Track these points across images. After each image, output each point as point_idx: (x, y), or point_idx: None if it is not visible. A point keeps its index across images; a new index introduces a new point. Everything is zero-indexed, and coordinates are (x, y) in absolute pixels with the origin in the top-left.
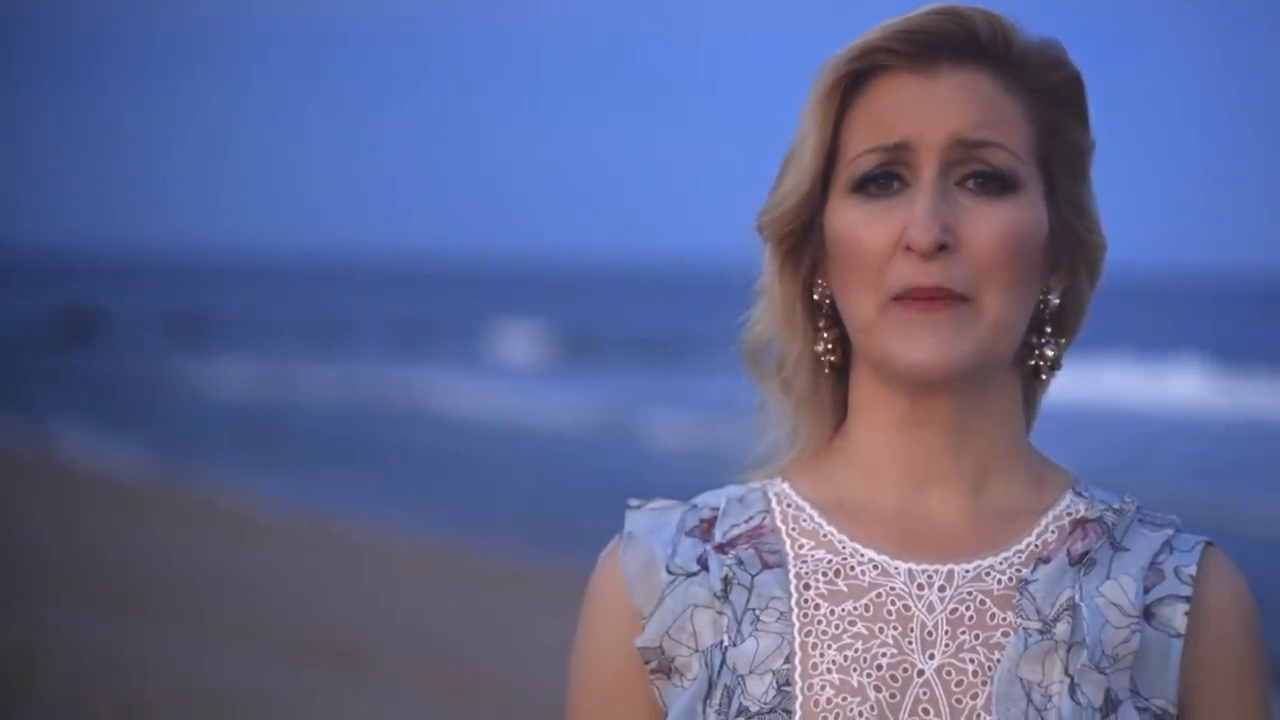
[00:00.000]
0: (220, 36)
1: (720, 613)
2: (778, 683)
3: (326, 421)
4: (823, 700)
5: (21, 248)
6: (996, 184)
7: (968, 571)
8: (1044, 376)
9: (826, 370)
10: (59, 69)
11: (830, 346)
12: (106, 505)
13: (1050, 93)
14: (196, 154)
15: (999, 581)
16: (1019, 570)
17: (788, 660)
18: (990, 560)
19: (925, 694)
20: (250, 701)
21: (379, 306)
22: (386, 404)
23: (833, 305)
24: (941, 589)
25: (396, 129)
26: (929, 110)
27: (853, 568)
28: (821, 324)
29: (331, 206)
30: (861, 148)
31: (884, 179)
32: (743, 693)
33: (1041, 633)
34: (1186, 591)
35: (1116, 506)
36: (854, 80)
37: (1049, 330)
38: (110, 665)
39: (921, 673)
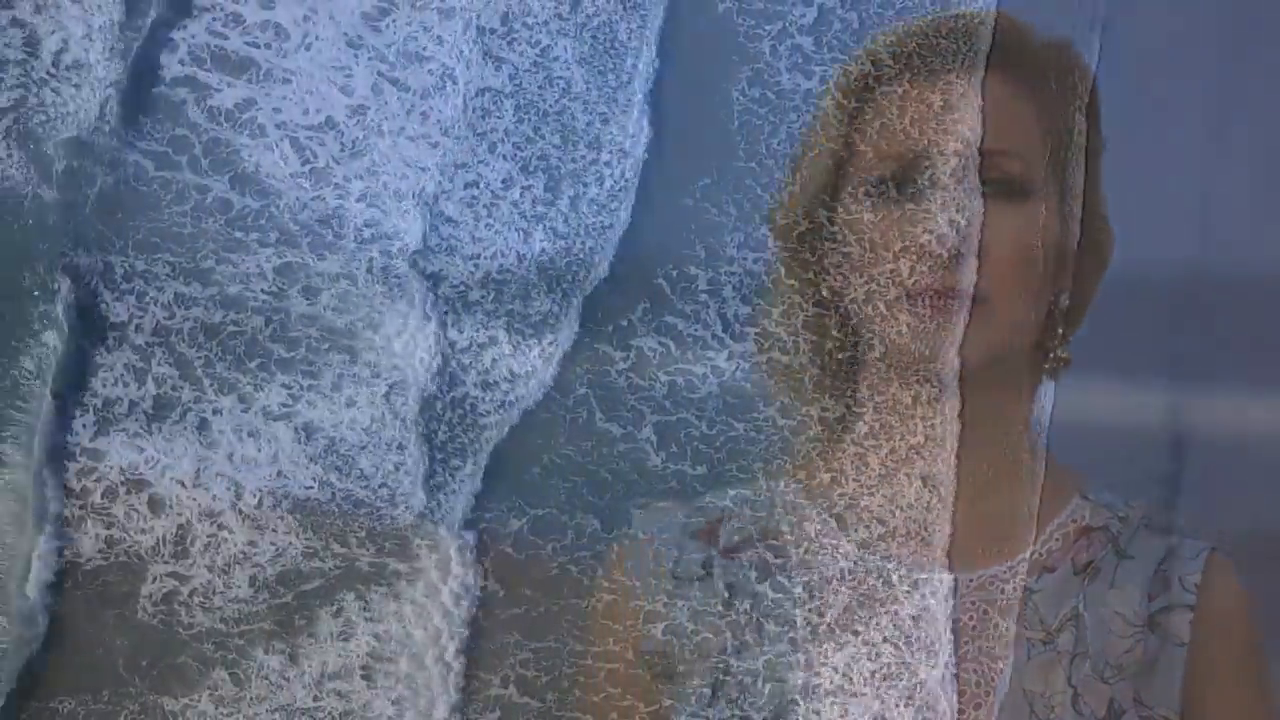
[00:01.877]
0: None
1: (724, 619)
2: (781, 689)
3: None
4: (824, 707)
5: None
6: (1010, 191)
7: (971, 581)
8: (1056, 379)
9: (835, 367)
10: None
11: (839, 344)
12: None
13: (1063, 95)
14: None
15: (1003, 591)
16: (1023, 579)
17: (791, 668)
18: (995, 569)
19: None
20: None
21: None
22: None
23: (842, 300)
24: (946, 598)
25: None
26: (944, 119)
27: (858, 575)
28: (832, 319)
29: None
30: (876, 154)
31: (898, 184)
32: (745, 699)
33: (1045, 643)
34: (1191, 600)
35: (1122, 514)
36: (868, 84)
37: (1061, 332)
38: None
39: (924, 682)
